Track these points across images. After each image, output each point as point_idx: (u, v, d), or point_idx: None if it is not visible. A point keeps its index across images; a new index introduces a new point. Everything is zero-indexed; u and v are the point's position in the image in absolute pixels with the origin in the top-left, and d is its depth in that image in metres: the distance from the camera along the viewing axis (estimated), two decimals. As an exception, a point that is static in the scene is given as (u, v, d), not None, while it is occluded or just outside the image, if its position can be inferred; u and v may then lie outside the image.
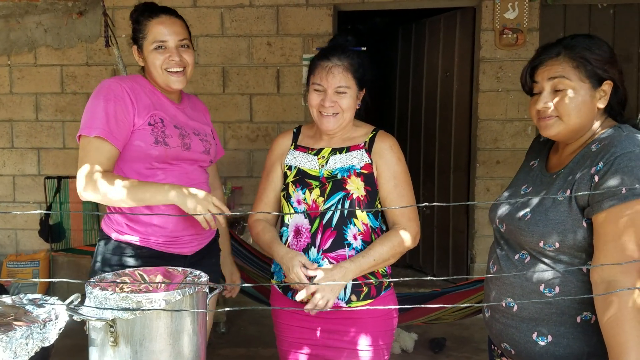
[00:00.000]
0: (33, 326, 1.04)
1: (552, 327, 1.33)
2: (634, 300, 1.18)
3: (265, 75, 4.07)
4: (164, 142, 1.71)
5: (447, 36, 4.34)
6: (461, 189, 4.29)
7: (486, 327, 1.53)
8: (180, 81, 1.78)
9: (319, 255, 1.65)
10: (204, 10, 4.02)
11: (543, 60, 1.38)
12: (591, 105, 1.34)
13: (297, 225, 1.70)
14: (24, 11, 4.08)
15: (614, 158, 1.24)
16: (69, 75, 4.14)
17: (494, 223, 1.51)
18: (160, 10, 1.78)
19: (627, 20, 3.85)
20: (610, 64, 1.33)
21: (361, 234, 1.66)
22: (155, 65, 1.75)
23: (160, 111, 1.76)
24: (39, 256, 4.13)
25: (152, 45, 1.75)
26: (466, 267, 4.25)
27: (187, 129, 1.81)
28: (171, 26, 1.76)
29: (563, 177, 1.35)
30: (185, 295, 1.13)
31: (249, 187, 4.16)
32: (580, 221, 1.28)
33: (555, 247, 1.31)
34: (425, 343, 3.43)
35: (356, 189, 1.66)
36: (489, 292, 1.49)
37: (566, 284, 1.31)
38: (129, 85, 1.73)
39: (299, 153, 1.77)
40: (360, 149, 1.71)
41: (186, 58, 1.78)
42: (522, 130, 3.98)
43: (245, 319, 3.89)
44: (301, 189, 1.70)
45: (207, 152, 1.87)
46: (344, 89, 1.66)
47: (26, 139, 4.23)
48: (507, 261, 1.43)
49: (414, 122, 4.78)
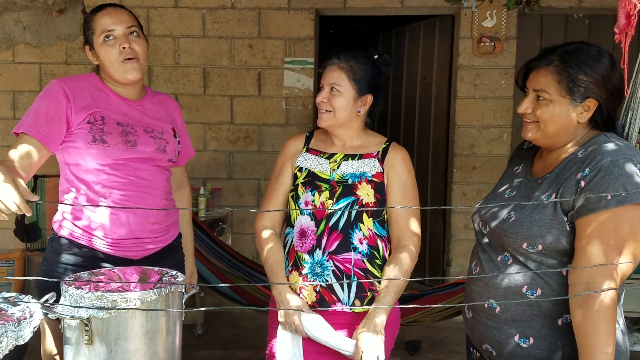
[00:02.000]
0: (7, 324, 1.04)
1: (534, 329, 1.36)
2: (608, 302, 1.22)
3: (247, 77, 4.08)
4: (102, 140, 1.67)
5: (427, 43, 4.40)
6: (438, 193, 4.35)
7: (467, 329, 1.55)
8: (135, 69, 1.72)
9: (324, 257, 1.65)
10: (185, 11, 4.01)
11: (535, 66, 1.41)
12: (569, 119, 1.37)
13: (303, 227, 1.69)
14: (3, 8, 4.04)
15: (600, 165, 1.27)
16: (48, 73, 4.10)
17: (477, 225, 1.54)
18: (107, 5, 1.77)
19: (602, 30, 3.94)
20: (599, 84, 1.34)
21: (367, 239, 1.67)
22: (109, 59, 1.71)
23: (103, 109, 1.72)
24: (14, 255, 4.07)
25: (100, 37, 1.71)
26: (442, 271, 4.30)
27: (135, 127, 1.76)
28: (116, 15, 1.73)
29: (548, 181, 1.39)
30: (160, 294, 1.15)
31: (228, 189, 4.16)
32: (564, 225, 1.31)
33: (538, 249, 1.33)
34: (401, 345, 3.47)
35: (366, 195, 1.67)
36: (470, 293, 1.51)
37: (548, 287, 1.34)
38: (70, 84, 1.70)
39: (310, 156, 1.78)
40: (373, 158, 1.72)
41: (136, 47, 1.73)
42: (498, 137, 4.05)
43: (223, 320, 3.89)
44: (310, 190, 1.70)
45: (162, 149, 1.80)
46: (337, 87, 1.68)
47: (2, 137, 4.17)
48: (489, 263, 1.45)
49: (393, 127, 4.83)
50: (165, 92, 4.17)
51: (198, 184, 3.96)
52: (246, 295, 2.98)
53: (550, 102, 1.36)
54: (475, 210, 1.57)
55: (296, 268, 1.69)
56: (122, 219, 1.72)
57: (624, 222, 1.24)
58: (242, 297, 2.99)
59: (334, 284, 1.64)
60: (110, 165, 1.70)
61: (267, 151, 4.13)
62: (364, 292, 1.65)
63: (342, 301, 1.64)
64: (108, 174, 1.70)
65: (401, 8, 4.00)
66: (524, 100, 1.43)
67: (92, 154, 1.67)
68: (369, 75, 1.72)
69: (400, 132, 4.73)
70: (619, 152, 1.29)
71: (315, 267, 1.66)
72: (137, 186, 1.74)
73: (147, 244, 1.78)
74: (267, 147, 4.13)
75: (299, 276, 1.67)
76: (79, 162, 1.69)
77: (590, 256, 1.25)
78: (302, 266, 1.67)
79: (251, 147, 4.13)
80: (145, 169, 1.76)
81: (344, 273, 1.64)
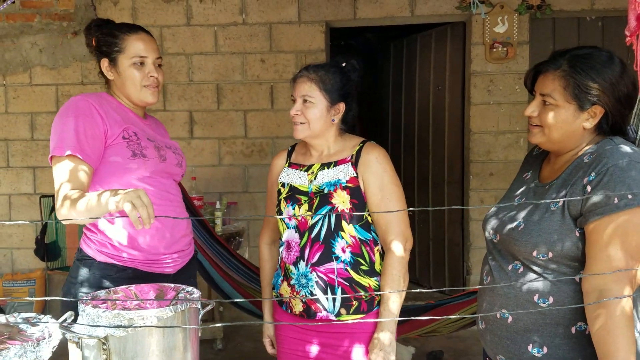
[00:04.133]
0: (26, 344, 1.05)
1: (547, 338, 1.33)
2: (624, 308, 1.19)
3: (259, 92, 4.11)
4: (142, 154, 1.69)
5: (438, 51, 4.39)
6: (455, 201, 4.31)
7: (481, 339, 1.53)
8: (155, 95, 1.79)
9: (308, 268, 1.68)
10: (198, 28, 4.06)
11: (544, 69, 1.40)
12: (574, 125, 1.35)
13: (288, 239, 1.74)
14: (19, 31, 4.12)
15: (606, 168, 1.26)
16: (65, 94, 4.17)
17: (487, 234, 1.52)
18: (138, 27, 1.80)
19: (616, 32, 3.89)
20: (607, 91, 1.31)
21: (350, 247, 1.67)
22: (133, 81, 1.75)
23: (132, 125, 1.74)
24: (34, 275, 4.12)
25: (130, 60, 1.74)
26: (462, 279, 4.26)
27: (159, 142, 1.80)
28: (150, 43, 1.78)
29: (556, 187, 1.37)
30: (177, 311, 1.15)
31: (244, 203, 4.17)
32: (573, 230, 1.29)
33: (548, 256, 1.32)
34: (422, 356, 3.43)
35: (341, 202, 1.67)
36: (482, 304, 1.50)
37: (560, 294, 1.32)
38: (96, 100, 1.70)
39: (291, 170, 1.81)
40: (346, 163, 1.72)
41: (160, 77, 1.80)
42: (514, 142, 4.01)
43: (243, 334, 3.88)
44: (291, 204, 1.73)
45: (180, 165, 1.86)
46: (308, 98, 1.70)
47: (22, 158, 4.24)
48: (500, 272, 1.43)
49: (407, 136, 4.81)
50: (180, 109, 4.25)
51: (214, 198, 3.98)
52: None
53: (556, 107, 1.35)
54: (484, 219, 1.55)
55: (286, 279, 1.75)
56: (160, 235, 1.72)
57: (633, 226, 1.21)
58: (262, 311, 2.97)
59: (321, 295, 1.66)
60: (146, 179, 1.70)
61: (281, 164, 4.14)
62: (350, 302, 1.66)
63: (328, 310, 1.66)
64: (144, 188, 1.68)
65: (411, 17, 4.01)
66: (531, 104, 1.42)
67: (132, 168, 1.67)
68: (339, 83, 1.73)
69: (414, 141, 4.71)
70: (624, 155, 1.27)
71: (300, 279, 1.70)
72: (166, 200, 1.76)
73: (181, 257, 1.80)
74: (282, 160, 4.13)
75: (288, 287, 1.74)
76: (112, 176, 1.68)
77: (600, 262, 1.23)
78: (290, 277, 1.73)
79: (265, 160, 4.14)
80: (169, 183, 1.79)
81: (328, 283, 1.66)
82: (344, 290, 1.66)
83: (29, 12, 4.11)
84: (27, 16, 4.11)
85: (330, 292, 1.65)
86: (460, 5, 3.93)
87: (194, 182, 3.86)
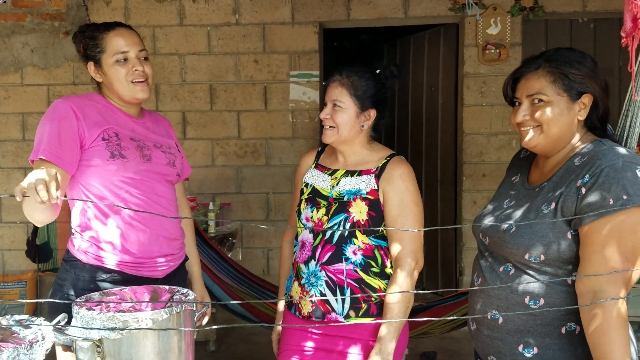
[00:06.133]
0: (20, 347, 1.04)
1: (538, 338, 1.34)
2: (618, 310, 1.19)
3: (253, 92, 4.10)
4: (121, 155, 1.66)
5: (432, 52, 4.40)
6: (448, 202, 4.32)
7: (472, 340, 1.54)
8: (145, 91, 1.75)
9: (317, 267, 1.68)
10: (191, 28, 4.05)
11: (523, 73, 1.42)
12: (570, 117, 1.37)
13: (303, 239, 1.75)
14: (10, 31, 4.09)
15: (600, 170, 1.26)
16: (56, 94, 4.14)
17: (478, 236, 1.53)
18: (116, 24, 1.77)
19: (608, 34, 3.93)
20: (590, 78, 1.36)
21: (362, 250, 1.66)
22: (118, 78, 1.72)
23: (114, 125, 1.71)
24: (26, 277, 4.09)
25: (112, 57, 1.71)
26: (455, 280, 4.27)
27: (146, 142, 1.77)
28: (129, 37, 1.74)
29: (547, 190, 1.38)
30: (172, 314, 1.14)
31: (237, 203, 4.16)
32: (566, 233, 1.30)
33: (540, 259, 1.32)
34: (416, 357, 3.43)
35: (358, 213, 1.66)
36: (474, 305, 1.50)
37: (551, 296, 1.32)
38: (77, 103, 1.68)
39: (317, 172, 1.81)
40: (370, 174, 1.70)
41: (147, 70, 1.76)
42: (507, 144, 4.03)
43: (235, 337, 3.87)
44: (310, 207, 1.74)
45: (172, 164, 1.83)
46: (338, 103, 1.69)
47: (12, 159, 4.21)
48: (491, 273, 1.44)
49: (400, 137, 4.82)
50: (173, 109, 4.22)
51: (207, 199, 3.97)
52: (257, 312, 2.97)
53: (549, 102, 1.36)
54: (475, 220, 1.56)
55: (297, 278, 1.75)
56: (150, 237, 1.70)
57: (629, 227, 1.22)
58: (253, 314, 2.97)
59: (330, 295, 1.65)
60: (130, 180, 1.68)
61: (275, 165, 4.13)
62: (359, 304, 1.65)
63: (337, 311, 1.65)
64: (127, 190, 1.68)
65: (405, 18, 4.01)
66: (519, 110, 1.41)
67: (111, 170, 1.65)
68: (371, 89, 1.71)
69: (407, 142, 4.72)
70: (619, 156, 1.28)
71: (310, 277, 1.70)
72: (154, 202, 1.74)
73: (170, 261, 1.78)
74: (275, 160, 4.13)
75: (299, 286, 1.73)
76: (95, 180, 1.66)
77: (595, 264, 1.23)
78: (301, 276, 1.72)
79: (259, 161, 4.14)
80: (159, 184, 1.76)
81: (337, 284, 1.66)
82: (353, 292, 1.64)
83: (20, 12, 4.09)
84: (19, 16, 4.08)
85: (340, 294, 1.64)
86: (454, 6, 3.94)
87: (186, 183, 3.85)
